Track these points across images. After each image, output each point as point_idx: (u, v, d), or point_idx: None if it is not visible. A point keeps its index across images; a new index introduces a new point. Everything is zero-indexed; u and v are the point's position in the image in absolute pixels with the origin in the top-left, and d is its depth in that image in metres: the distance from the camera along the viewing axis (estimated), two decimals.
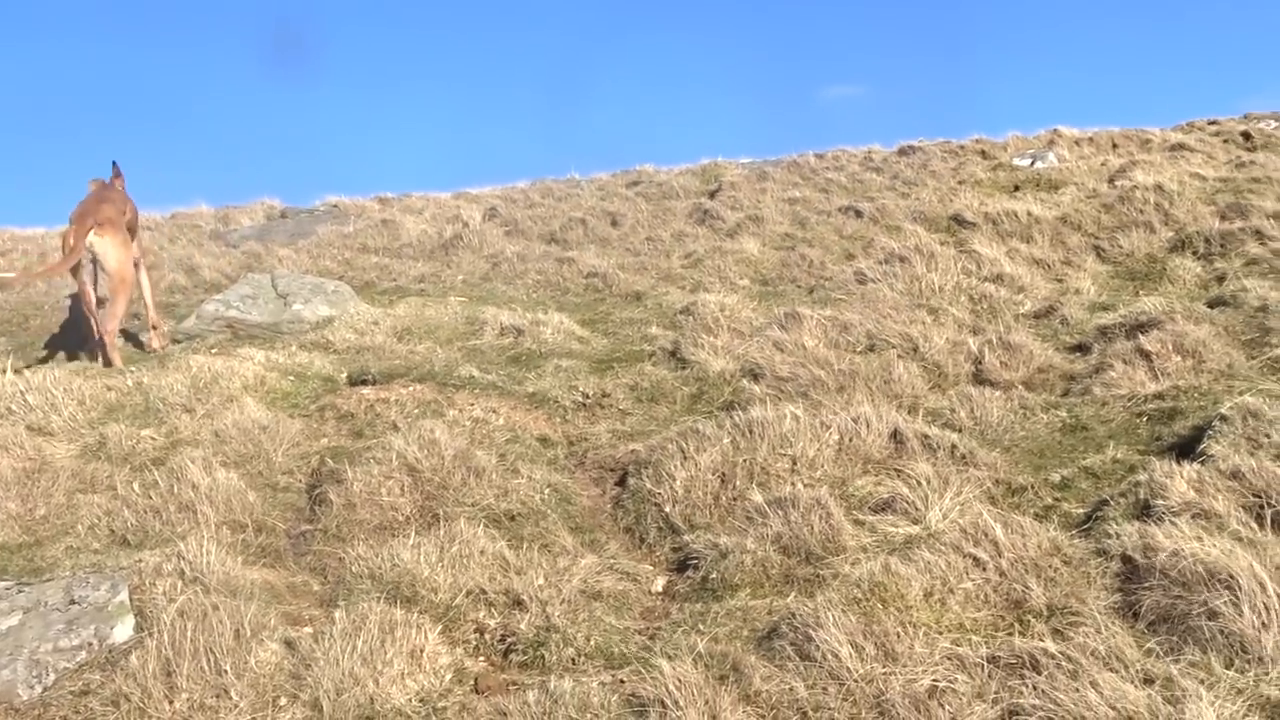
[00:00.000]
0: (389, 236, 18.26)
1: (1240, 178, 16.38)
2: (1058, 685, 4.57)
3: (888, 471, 7.01)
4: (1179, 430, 7.24)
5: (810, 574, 5.99)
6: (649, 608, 6.17)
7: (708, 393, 9.21)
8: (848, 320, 10.16)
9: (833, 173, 21.71)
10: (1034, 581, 5.43)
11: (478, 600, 5.94)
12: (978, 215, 14.95)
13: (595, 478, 7.84)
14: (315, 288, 12.73)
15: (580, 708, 4.84)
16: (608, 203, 20.13)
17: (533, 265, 15.36)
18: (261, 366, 9.79)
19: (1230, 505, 5.72)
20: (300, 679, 5.19)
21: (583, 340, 11.16)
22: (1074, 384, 8.74)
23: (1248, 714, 4.39)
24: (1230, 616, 4.88)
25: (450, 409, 8.79)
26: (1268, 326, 8.96)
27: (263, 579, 6.34)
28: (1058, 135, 23.75)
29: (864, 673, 4.94)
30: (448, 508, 6.99)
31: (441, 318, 11.65)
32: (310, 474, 7.93)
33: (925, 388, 8.76)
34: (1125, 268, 12.85)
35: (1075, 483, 6.84)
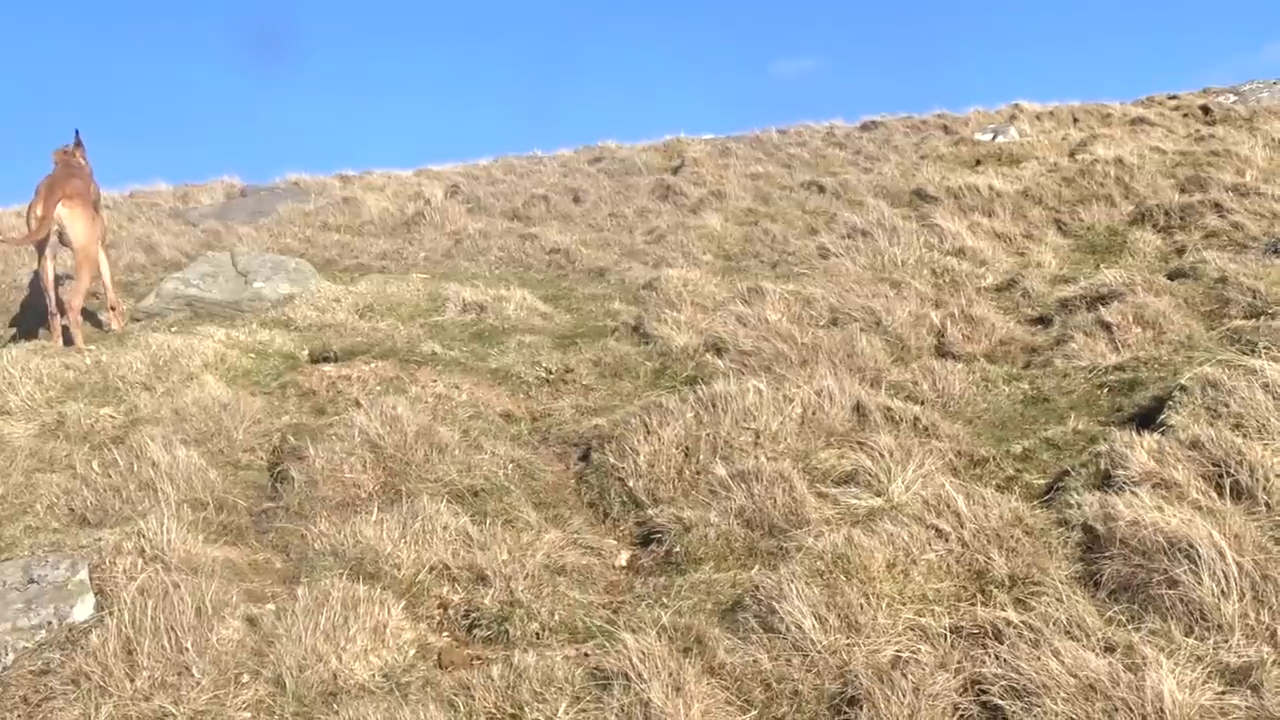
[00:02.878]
0: (350, 214, 18.13)
1: (1199, 151, 16.49)
2: (1019, 654, 4.60)
3: (851, 444, 7.02)
4: (1139, 401, 7.28)
5: (774, 547, 6.00)
6: (613, 582, 6.17)
7: (671, 367, 9.20)
8: (811, 294, 10.16)
9: (795, 148, 21.74)
10: (996, 552, 5.46)
11: (441, 576, 5.93)
12: (940, 190, 14.99)
13: (559, 453, 7.83)
14: (276, 265, 12.63)
15: (544, 681, 4.83)
16: (571, 179, 20.07)
17: (495, 242, 15.30)
18: (222, 344, 9.70)
19: (1190, 475, 5.76)
20: (263, 656, 5.18)
21: (546, 316, 11.12)
22: (1035, 356, 8.78)
23: (1207, 681, 4.43)
24: (1190, 585, 4.92)
25: (413, 385, 8.74)
26: (1227, 298, 9.02)
27: (224, 557, 6.29)
28: (1019, 110, 23.86)
29: (828, 644, 4.97)
30: (410, 484, 6.96)
31: (403, 294, 11.58)
32: (272, 451, 7.88)
33: (888, 361, 8.78)
34: (1086, 241, 12.92)
35: (1037, 454, 6.87)
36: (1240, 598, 4.84)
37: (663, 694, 4.58)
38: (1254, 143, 16.56)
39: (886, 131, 23.23)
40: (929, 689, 4.55)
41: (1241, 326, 8.28)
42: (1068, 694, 4.34)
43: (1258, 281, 9.12)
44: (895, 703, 4.47)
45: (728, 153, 21.22)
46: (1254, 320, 8.40)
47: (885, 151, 20.50)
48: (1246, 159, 15.43)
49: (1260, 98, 23.57)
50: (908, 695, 4.50)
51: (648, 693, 4.60)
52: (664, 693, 4.59)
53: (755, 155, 21.02)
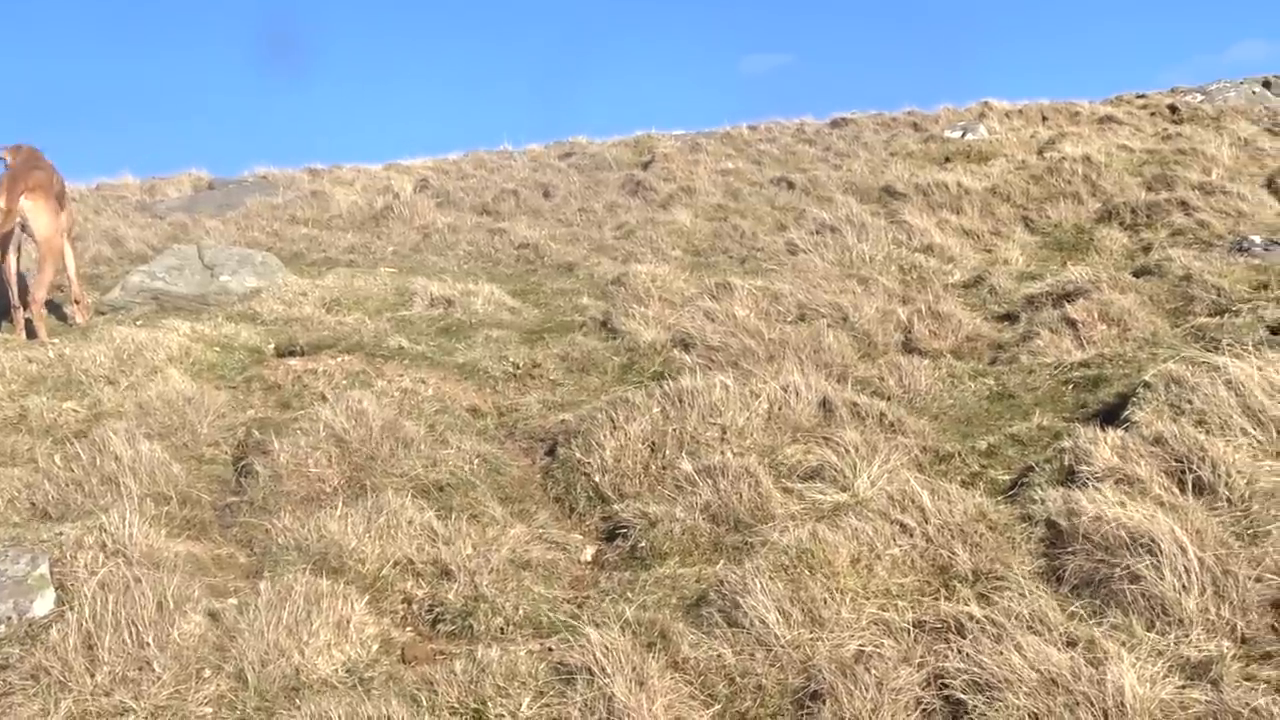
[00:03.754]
0: (319, 208, 18.06)
1: (1166, 150, 16.61)
2: (982, 649, 4.61)
3: (817, 440, 7.03)
4: (1104, 397, 7.32)
5: (739, 542, 6.00)
6: (578, 577, 6.16)
7: (638, 362, 9.20)
8: (779, 290, 10.17)
9: (765, 144, 21.77)
10: (960, 547, 5.47)
11: (405, 570, 5.91)
12: (908, 186, 15.03)
13: (525, 448, 7.81)
14: (243, 259, 12.55)
15: (508, 676, 4.82)
16: (540, 174, 20.05)
17: (464, 236, 15.27)
18: (187, 338, 9.64)
19: (1153, 470, 5.78)
20: (224, 650, 5.14)
21: (514, 311, 11.10)
22: (1002, 352, 8.82)
23: (1168, 675, 4.44)
24: (1152, 580, 4.95)
25: (379, 380, 8.72)
26: (1191, 295, 9.08)
27: (187, 551, 6.25)
28: (989, 107, 23.94)
29: (791, 639, 4.97)
30: (376, 478, 6.93)
31: (371, 289, 11.54)
32: (236, 446, 7.83)
33: (855, 357, 8.80)
34: (1053, 238, 12.98)
35: (1002, 450, 6.90)
36: (1201, 592, 4.87)
37: (626, 688, 4.57)
38: (1220, 142, 16.70)
39: (856, 128, 23.28)
40: (892, 683, 4.55)
41: (1206, 324, 8.34)
42: (1029, 688, 4.35)
43: (1222, 279, 9.18)
44: (858, 697, 4.47)
45: (698, 148, 21.23)
46: (1218, 317, 8.47)
47: (855, 148, 20.55)
48: (1213, 158, 15.55)
49: (1227, 97, 23.76)
50: (871, 690, 4.50)
51: (611, 687, 4.59)
52: (627, 687, 4.58)
53: (726, 151, 21.04)
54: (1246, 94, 24.03)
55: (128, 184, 22.29)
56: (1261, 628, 4.76)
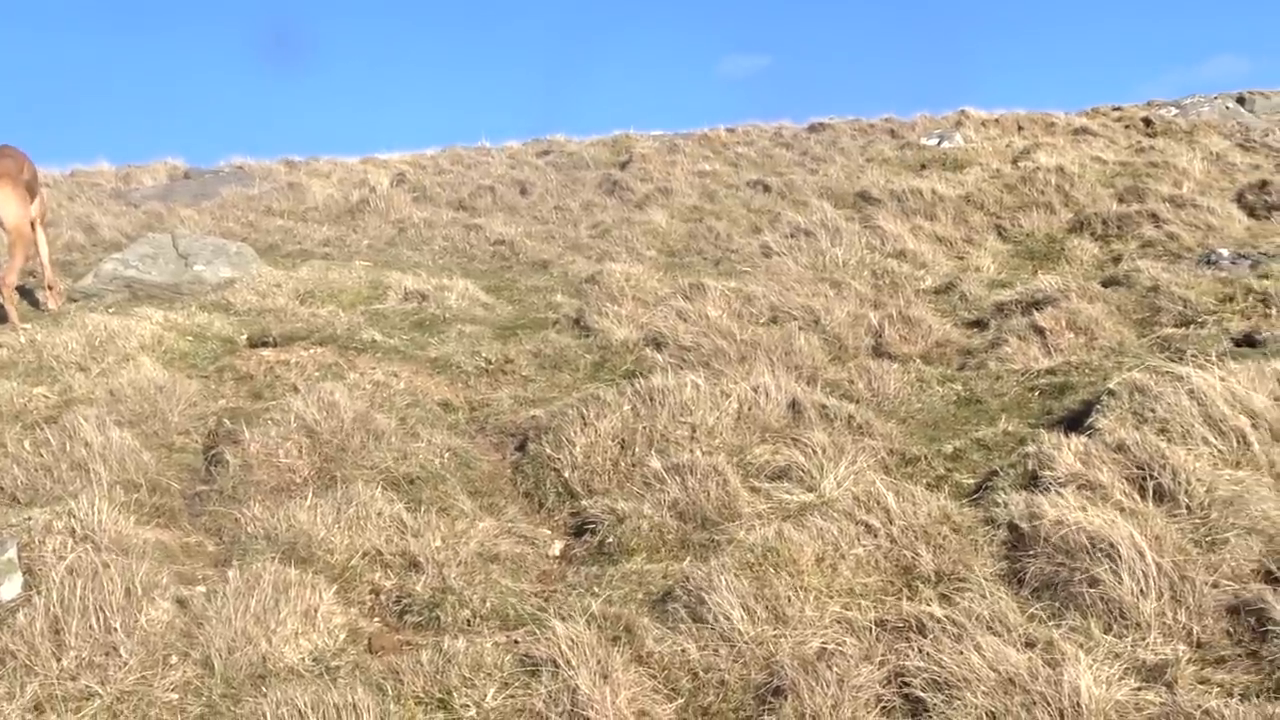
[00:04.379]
0: (295, 200, 18.04)
1: (1139, 162, 16.72)
2: (942, 648, 4.68)
3: (785, 440, 7.09)
4: (1069, 404, 7.41)
5: (706, 539, 6.06)
6: (546, 571, 6.20)
7: (611, 360, 9.25)
8: (751, 292, 10.23)
9: (743, 147, 21.84)
10: (923, 548, 5.55)
11: (374, 561, 5.94)
12: (884, 192, 15.11)
13: (496, 443, 7.84)
14: (217, 249, 12.53)
15: (473, 667, 4.87)
16: (518, 171, 20.07)
17: (440, 231, 15.28)
18: (160, 326, 9.63)
19: (1114, 477, 5.87)
20: (192, 637, 5.17)
21: (487, 307, 11.13)
22: (970, 358, 8.90)
23: (1124, 677, 4.53)
24: (1110, 584, 5.04)
25: (351, 372, 8.74)
26: (1158, 306, 9.19)
27: (156, 539, 6.27)
28: (965, 116, 24.05)
29: (755, 635, 5.03)
30: (346, 470, 6.96)
31: (345, 282, 11.53)
32: (207, 435, 7.84)
33: (825, 359, 8.87)
34: (1025, 247, 13.07)
35: (967, 454, 6.98)
36: (1159, 597, 4.96)
37: (590, 681, 4.63)
38: (1192, 155, 16.83)
39: (834, 134, 23.37)
40: (853, 680, 4.61)
41: (1171, 334, 8.45)
42: (988, 687, 4.42)
43: (1189, 291, 9.29)
44: (819, 694, 4.53)
45: (675, 150, 21.28)
46: (1184, 329, 8.58)
47: (832, 153, 20.63)
48: (1184, 171, 15.68)
49: (1201, 111, 23.95)
50: (832, 686, 4.56)
51: (575, 680, 4.65)
52: (591, 680, 4.64)
53: (703, 153, 21.09)
54: (1220, 109, 24.23)
55: (103, 171, 22.21)
56: (1217, 633, 4.85)
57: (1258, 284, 9.11)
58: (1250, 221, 12.98)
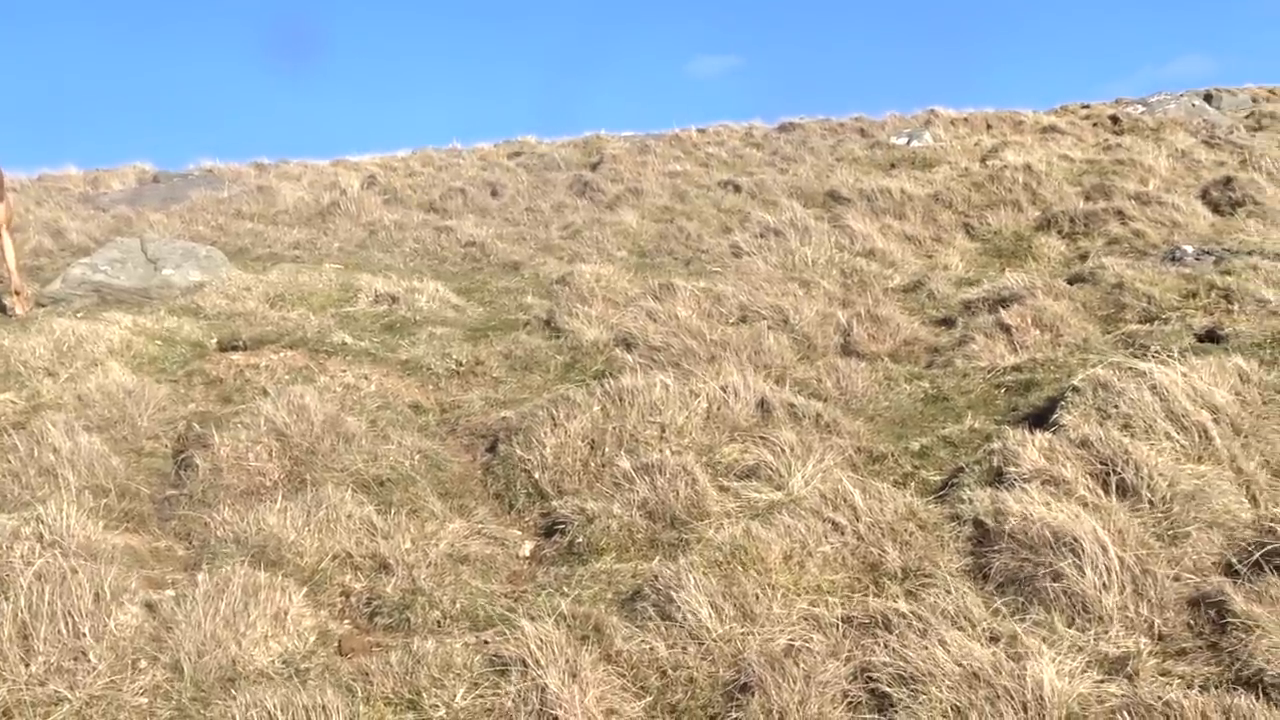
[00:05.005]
0: (265, 203, 18.01)
1: (1106, 160, 16.85)
2: (908, 644, 4.72)
3: (754, 439, 7.13)
4: (1034, 401, 7.47)
5: (675, 538, 6.09)
6: (516, 571, 6.22)
7: (581, 361, 9.27)
8: (721, 292, 10.27)
9: (714, 147, 21.90)
10: (890, 545, 5.59)
11: (344, 564, 5.95)
12: (853, 192, 15.19)
13: (466, 444, 7.86)
14: (187, 253, 12.51)
15: (443, 667, 4.88)
16: (489, 173, 20.09)
17: (410, 234, 15.27)
18: (128, 331, 9.61)
19: (1078, 472, 5.93)
20: (161, 641, 5.16)
21: (458, 309, 11.14)
22: (938, 356, 8.97)
23: (1086, 670, 4.58)
24: (1074, 578, 5.08)
25: (321, 375, 8.74)
26: (1123, 302, 9.27)
27: (125, 543, 6.27)
28: (935, 115, 24.20)
29: (723, 633, 5.06)
30: (316, 473, 6.97)
31: (316, 284, 11.53)
32: (177, 439, 7.84)
33: (794, 358, 8.92)
34: (993, 245, 13.17)
35: (934, 451, 7.03)
36: (1121, 590, 5.01)
37: (559, 680, 4.65)
38: (1159, 153, 16.98)
39: (804, 133, 23.46)
40: (820, 676, 4.65)
41: (1135, 330, 8.53)
42: (953, 682, 4.46)
43: (1153, 288, 9.37)
44: (786, 689, 4.56)
45: (646, 150, 21.33)
46: (1148, 325, 8.66)
47: (802, 153, 20.70)
48: (1150, 168, 15.81)
49: (1168, 109, 24.12)
50: (799, 683, 4.59)
51: (544, 679, 4.67)
52: (560, 679, 4.66)
53: (674, 153, 21.15)
54: (1186, 106, 24.40)
55: (70, 176, 22.12)
56: (1178, 625, 4.90)
57: (1220, 280, 9.20)
58: (1215, 218, 13.11)
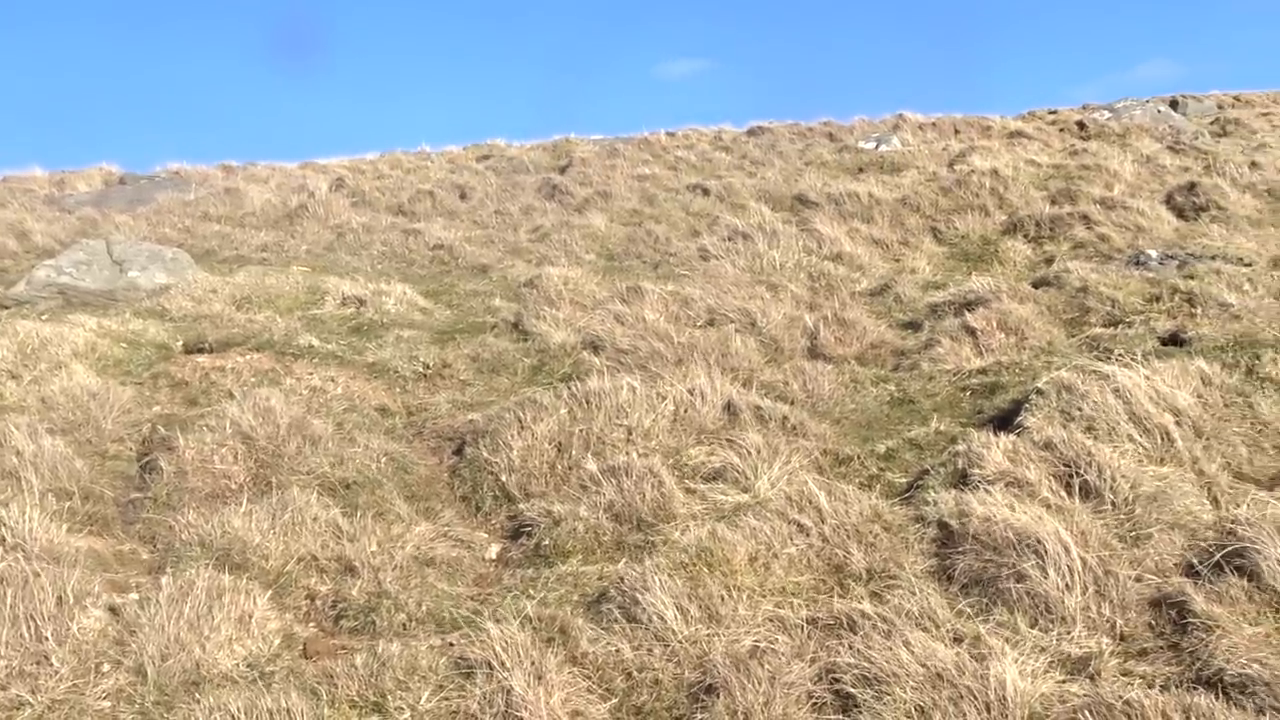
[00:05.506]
0: (232, 205, 17.91)
1: (1072, 165, 16.94)
2: (873, 645, 4.75)
3: (720, 441, 7.14)
4: (999, 404, 7.52)
5: (641, 540, 6.10)
6: (482, 574, 6.22)
7: (549, 364, 9.27)
8: (689, 295, 10.29)
9: (683, 151, 21.90)
10: (855, 547, 5.62)
11: (310, 567, 5.94)
12: (821, 195, 15.23)
13: (433, 447, 7.85)
14: (153, 255, 12.44)
15: (408, 670, 4.88)
16: (457, 176, 20.05)
17: (378, 236, 15.22)
18: (93, 333, 9.55)
19: (1042, 474, 5.97)
20: (124, 645, 5.14)
21: (426, 311, 11.11)
22: (904, 359, 9.00)
23: (1049, 670, 4.62)
24: (1037, 579, 5.12)
25: (288, 378, 8.71)
26: (1087, 306, 9.33)
27: (89, 547, 6.23)
28: (903, 120, 24.26)
29: (688, 634, 5.07)
30: (282, 476, 6.94)
31: (282, 287, 11.48)
32: (141, 442, 7.80)
33: (761, 361, 8.94)
34: (960, 249, 13.22)
35: (900, 453, 7.06)
36: (1083, 591, 5.05)
37: (525, 682, 4.65)
38: (1124, 158, 17.07)
39: (773, 137, 23.49)
40: (785, 678, 4.67)
41: (1100, 334, 8.59)
42: (917, 682, 4.49)
43: (1117, 291, 9.44)
44: (751, 691, 4.58)
45: (615, 154, 21.32)
46: (1112, 328, 8.72)
47: (770, 157, 20.74)
48: (1116, 173, 15.90)
49: (1133, 114, 24.26)
50: (764, 684, 4.61)
51: (510, 681, 4.67)
52: (526, 681, 4.66)
53: (643, 157, 21.14)
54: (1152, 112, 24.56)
55: (35, 177, 21.92)
56: (1140, 625, 4.95)
57: (1184, 284, 9.28)
58: (1179, 223, 13.20)
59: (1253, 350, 7.55)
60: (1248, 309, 8.72)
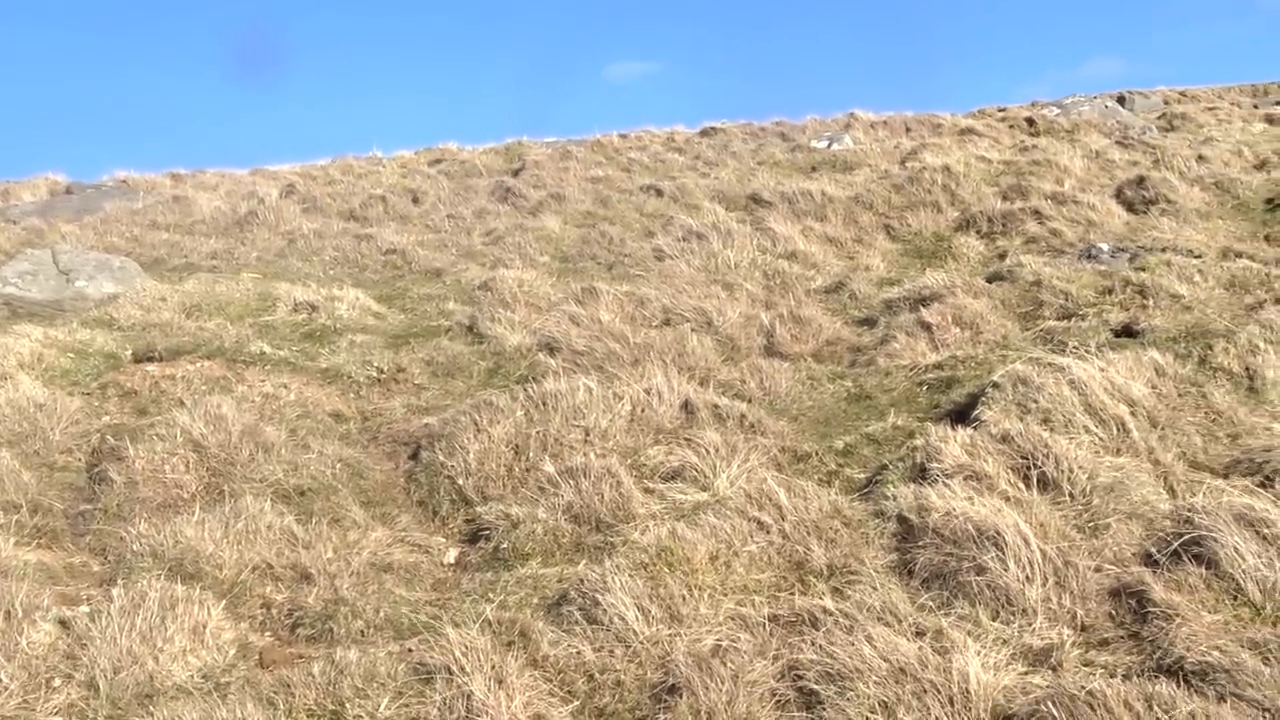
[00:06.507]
0: (181, 213, 17.71)
1: (1023, 161, 17.05)
2: (835, 641, 4.73)
3: (679, 441, 7.11)
4: (955, 398, 7.53)
5: (600, 541, 6.06)
6: (440, 579, 6.16)
7: (504, 367, 9.21)
8: (645, 295, 10.26)
9: (636, 152, 21.88)
10: (815, 543, 5.60)
11: (264, 575, 5.86)
12: (775, 194, 15.24)
13: (389, 452, 7.77)
14: (100, 264, 12.28)
15: (366, 677, 4.81)
16: (409, 180, 19.92)
17: (330, 242, 15.09)
18: (39, 344, 9.39)
19: (1000, 467, 5.98)
20: (75, 659, 5.05)
21: (379, 316, 11.02)
22: (860, 355, 9.01)
23: (1011, 662, 4.62)
24: (997, 571, 5.12)
25: (240, 385, 8.60)
26: (1040, 300, 9.38)
27: (38, 559, 6.13)
28: (855, 119, 24.36)
29: (650, 635, 5.03)
30: (235, 484, 6.85)
31: (233, 294, 11.35)
32: (91, 453, 7.67)
33: (718, 360, 8.92)
34: (914, 245, 13.27)
35: (858, 449, 7.06)
36: (1044, 583, 5.05)
37: (485, 686, 4.60)
38: (1074, 153, 17.21)
39: (726, 138, 23.52)
40: (748, 676, 4.64)
41: (1054, 327, 8.63)
42: (880, 677, 4.47)
43: (1070, 285, 9.49)
44: (714, 690, 4.55)
45: (568, 156, 21.28)
46: (1065, 321, 8.76)
47: (724, 157, 20.76)
48: (1066, 168, 16.02)
49: (1081, 111, 24.48)
50: (726, 682, 4.58)
51: (470, 686, 4.61)
52: (486, 685, 4.61)
53: (596, 159, 21.11)
54: (1100, 108, 24.79)
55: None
56: (1100, 615, 4.95)
57: (1135, 276, 9.34)
58: (1129, 216, 13.31)
59: (1205, 340, 7.61)
60: (1199, 300, 8.80)
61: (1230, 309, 8.61)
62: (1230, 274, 9.54)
